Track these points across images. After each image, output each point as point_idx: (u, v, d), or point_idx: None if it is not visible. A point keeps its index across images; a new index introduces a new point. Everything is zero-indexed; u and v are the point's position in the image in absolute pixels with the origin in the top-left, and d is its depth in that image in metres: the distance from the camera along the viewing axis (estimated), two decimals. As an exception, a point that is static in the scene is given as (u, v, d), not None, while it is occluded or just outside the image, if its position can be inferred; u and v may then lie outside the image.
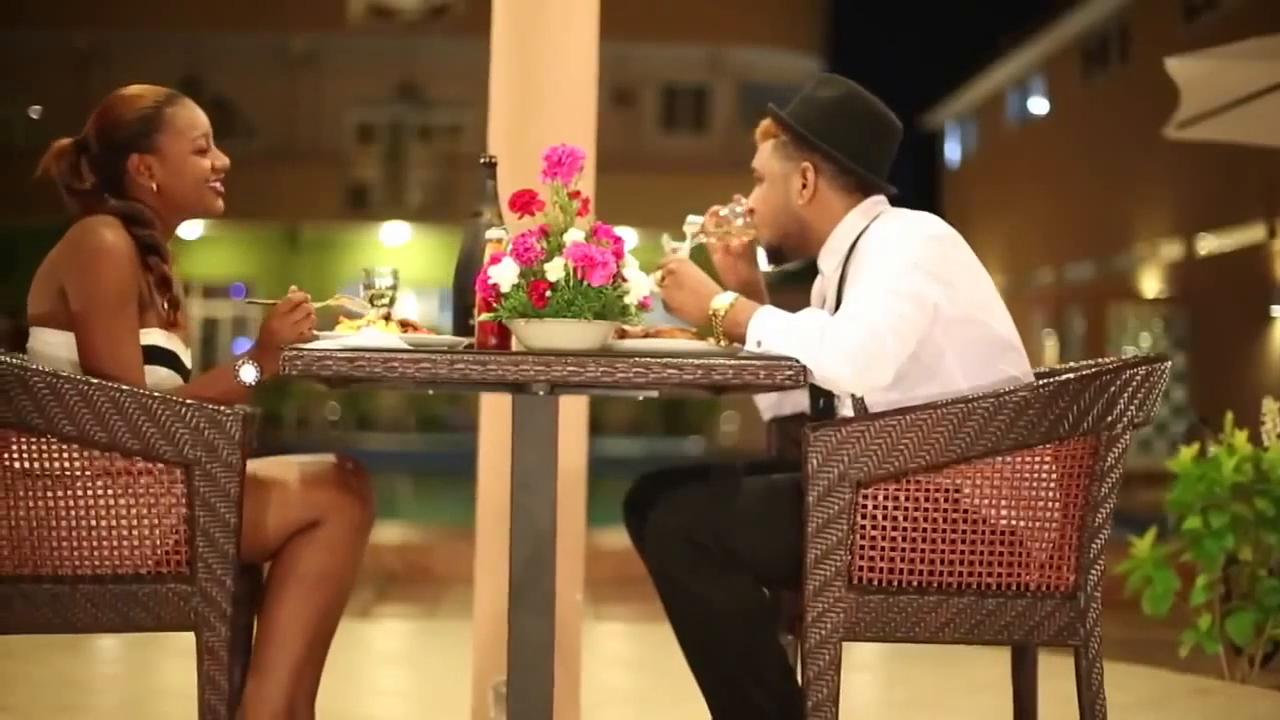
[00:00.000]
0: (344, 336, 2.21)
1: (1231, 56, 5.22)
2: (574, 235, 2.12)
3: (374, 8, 21.06)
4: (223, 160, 2.45)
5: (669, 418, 22.02)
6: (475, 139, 23.27)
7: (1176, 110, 5.47)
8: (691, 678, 2.38)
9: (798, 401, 2.71)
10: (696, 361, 2.10)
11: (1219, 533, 3.90)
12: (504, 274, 2.12)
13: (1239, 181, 15.23)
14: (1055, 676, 2.63)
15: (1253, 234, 15.65)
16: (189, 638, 2.22)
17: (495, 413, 3.10)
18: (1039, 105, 23.24)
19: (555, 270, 2.10)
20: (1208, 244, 16.95)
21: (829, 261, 2.46)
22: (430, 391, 2.51)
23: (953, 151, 28.07)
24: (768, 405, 2.82)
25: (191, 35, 22.43)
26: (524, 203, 2.17)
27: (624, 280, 2.14)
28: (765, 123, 2.50)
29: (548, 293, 2.10)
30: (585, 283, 2.10)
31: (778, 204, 2.47)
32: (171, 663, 4.26)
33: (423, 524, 8.36)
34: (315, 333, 2.31)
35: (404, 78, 23.61)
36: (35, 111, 22.59)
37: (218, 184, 2.45)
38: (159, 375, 2.34)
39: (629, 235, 2.02)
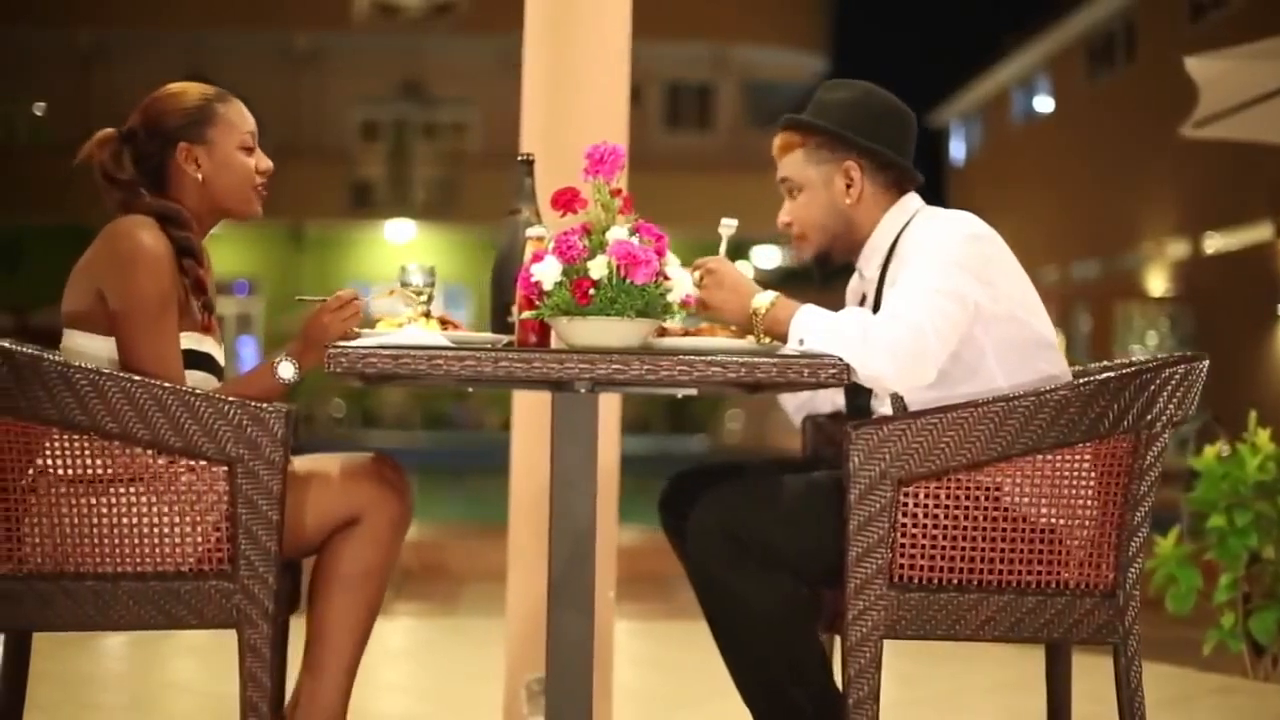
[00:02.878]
0: (385, 334, 2.21)
1: (1249, 56, 5.23)
2: (616, 233, 2.12)
3: (378, 5, 21.07)
4: (267, 163, 2.45)
5: (674, 416, 22.04)
6: (480, 136, 23.29)
7: (1194, 109, 5.47)
8: (704, 676, 2.38)
9: (833, 400, 2.71)
10: (740, 360, 2.10)
11: (1242, 531, 3.89)
12: (547, 272, 2.12)
13: (1246, 180, 15.23)
14: (1076, 676, 2.63)
15: (1259, 232, 15.66)
16: (196, 635, 2.22)
17: (528, 410, 3.10)
18: (1044, 104, 23.24)
19: (598, 268, 2.10)
20: (1214, 242, 16.95)
21: (871, 262, 2.46)
22: (470, 389, 2.52)
23: (957, 150, 28.07)
24: (796, 406, 2.82)
25: (194, 33, 22.44)
26: (566, 201, 2.17)
27: (666, 278, 2.14)
28: (784, 135, 2.49)
29: (591, 290, 2.10)
30: (628, 280, 2.10)
31: (824, 208, 2.47)
32: (179, 660, 4.27)
33: (432, 521, 8.36)
34: (356, 330, 2.31)
35: (408, 75, 23.60)
36: (39, 109, 22.58)
37: (262, 187, 2.45)
38: (194, 380, 2.34)
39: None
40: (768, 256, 24.23)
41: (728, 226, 2.46)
